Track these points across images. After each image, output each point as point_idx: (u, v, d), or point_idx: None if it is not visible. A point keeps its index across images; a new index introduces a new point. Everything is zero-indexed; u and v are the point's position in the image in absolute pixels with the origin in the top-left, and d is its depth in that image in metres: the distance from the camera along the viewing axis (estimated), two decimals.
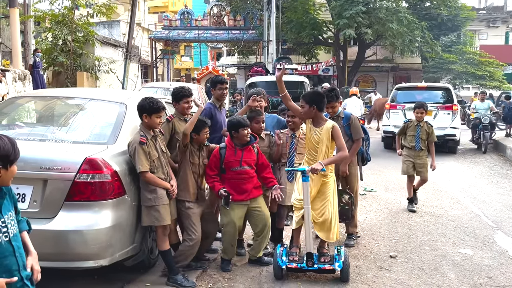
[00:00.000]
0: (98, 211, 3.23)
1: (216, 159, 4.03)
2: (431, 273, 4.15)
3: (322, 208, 3.91)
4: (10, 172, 2.00)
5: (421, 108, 6.38)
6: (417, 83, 13.73)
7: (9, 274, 1.97)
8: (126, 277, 3.84)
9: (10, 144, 1.97)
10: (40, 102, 4.58)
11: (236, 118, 4.11)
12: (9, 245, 1.99)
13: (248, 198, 4.04)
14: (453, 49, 27.27)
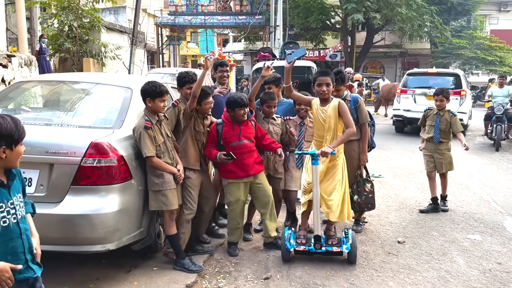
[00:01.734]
0: (105, 196, 3.22)
1: (212, 135, 4.04)
2: (439, 258, 4.12)
3: (331, 189, 3.93)
4: (16, 153, 1.96)
5: (440, 95, 5.53)
6: (427, 69, 13.89)
7: (15, 256, 1.97)
8: (133, 262, 3.86)
9: (13, 124, 1.93)
10: (46, 86, 4.56)
11: (234, 97, 4.07)
12: (16, 227, 1.99)
13: (251, 174, 4.05)
14: (463, 34, 26.82)
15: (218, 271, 3.83)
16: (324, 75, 3.96)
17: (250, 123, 4.13)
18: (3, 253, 1.93)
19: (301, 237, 4.06)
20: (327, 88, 3.91)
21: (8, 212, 1.96)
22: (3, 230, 1.94)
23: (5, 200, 1.95)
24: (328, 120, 3.90)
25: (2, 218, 1.93)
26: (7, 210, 1.95)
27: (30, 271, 2.05)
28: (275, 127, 4.47)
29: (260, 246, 4.35)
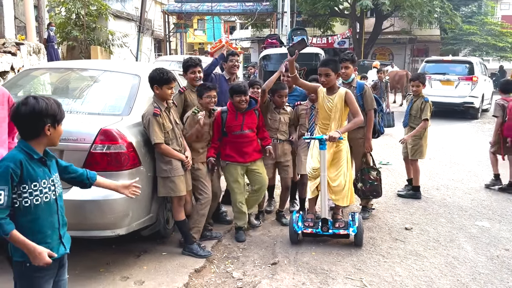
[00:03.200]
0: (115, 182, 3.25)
1: (217, 123, 4.09)
2: (446, 245, 4.13)
3: (337, 174, 4.00)
4: (57, 132, 2.11)
5: (417, 80, 5.43)
6: (443, 57, 15.52)
7: (53, 230, 2.12)
8: (142, 247, 3.92)
9: (56, 105, 2.08)
10: (55, 74, 4.58)
11: (235, 84, 4.16)
12: (55, 203, 2.14)
13: (248, 160, 4.16)
14: (473, 20, 26.44)
15: (226, 256, 3.88)
16: (323, 65, 4.00)
17: (254, 113, 4.18)
18: (44, 226, 2.08)
19: (308, 220, 4.15)
20: (326, 79, 3.94)
21: (49, 189, 2.10)
22: (45, 205, 2.08)
23: (47, 177, 2.10)
24: (334, 109, 3.95)
25: (45, 194, 2.07)
26: (48, 187, 2.10)
27: (62, 248, 2.19)
28: (285, 116, 4.53)
29: (268, 232, 4.39)
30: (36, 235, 2.05)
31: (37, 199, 2.05)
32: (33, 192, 2.03)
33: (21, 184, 2.00)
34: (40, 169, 2.07)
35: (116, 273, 3.48)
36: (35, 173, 2.04)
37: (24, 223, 2.03)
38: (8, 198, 1.96)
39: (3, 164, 1.98)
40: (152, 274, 3.48)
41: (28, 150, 2.05)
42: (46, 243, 2.07)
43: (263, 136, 4.33)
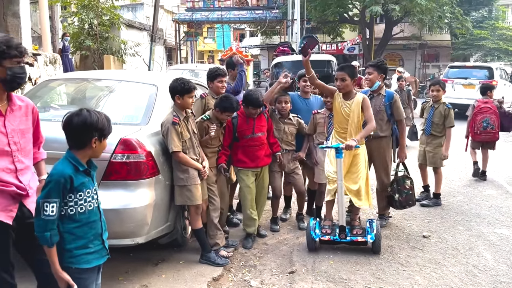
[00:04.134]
0: (134, 190, 3.28)
1: (229, 129, 4.14)
2: (466, 253, 4.08)
3: (355, 178, 4.04)
4: (102, 145, 2.22)
5: (437, 85, 5.48)
6: (465, 63, 17.04)
7: (96, 236, 2.24)
8: (160, 255, 3.93)
9: (105, 120, 2.19)
10: (73, 84, 4.65)
11: (252, 95, 4.11)
12: (97, 211, 2.26)
13: (260, 165, 4.21)
14: (484, 25, 26.27)
15: (243, 264, 3.88)
16: (339, 70, 4.07)
17: (263, 115, 4.25)
18: (87, 233, 2.19)
19: (326, 227, 4.15)
20: (342, 83, 3.98)
21: (92, 197, 2.22)
22: (89, 213, 2.19)
23: (90, 186, 2.21)
24: (351, 114, 3.98)
25: (88, 202, 2.19)
26: (92, 196, 2.21)
27: (104, 251, 2.30)
28: (291, 127, 4.53)
29: (284, 240, 4.39)
30: (80, 241, 2.17)
31: (82, 208, 2.16)
32: (78, 201, 2.14)
33: (67, 194, 2.11)
34: (85, 179, 2.18)
35: (135, 281, 3.49)
36: (80, 184, 2.14)
37: (69, 229, 2.14)
38: (58, 210, 2.07)
39: (54, 178, 2.08)
40: (170, 282, 3.50)
41: (75, 162, 2.15)
42: (88, 248, 2.19)
43: (273, 141, 4.38)
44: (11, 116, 2.31)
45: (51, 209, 2.05)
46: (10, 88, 2.31)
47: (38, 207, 2.07)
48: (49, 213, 2.05)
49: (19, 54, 2.26)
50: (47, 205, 2.05)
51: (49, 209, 2.05)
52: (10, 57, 2.22)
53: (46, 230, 2.06)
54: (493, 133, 6.40)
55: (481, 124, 6.40)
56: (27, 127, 2.41)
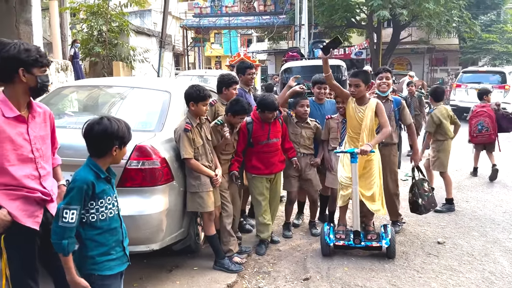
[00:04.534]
0: (149, 197, 3.29)
1: (244, 134, 4.12)
2: (481, 259, 4.04)
3: (369, 184, 4.04)
4: (122, 152, 2.25)
5: None
6: (478, 68, 17.57)
7: (117, 242, 2.25)
8: (174, 261, 3.93)
9: (126, 128, 2.22)
10: (86, 91, 4.68)
11: (266, 100, 4.09)
12: (118, 217, 2.28)
13: (274, 171, 4.21)
14: (492, 29, 26.06)
15: (257, 271, 3.86)
16: (353, 76, 4.07)
17: (278, 121, 4.24)
18: (109, 239, 2.21)
19: (340, 232, 4.15)
20: (356, 89, 3.99)
21: (113, 204, 2.24)
22: (110, 220, 2.21)
23: (111, 193, 2.24)
24: (365, 119, 3.99)
25: (109, 209, 2.21)
26: (112, 203, 2.24)
27: (125, 258, 2.32)
28: (308, 131, 4.52)
29: (298, 246, 4.37)
30: (103, 248, 2.19)
31: (103, 215, 2.17)
32: (99, 208, 2.16)
33: (89, 201, 2.12)
34: (106, 186, 2.20)
35: None
36: (102, 191, 2.16)
37: (91, 236, 2.15)
38: (78, 217, 2.08)
39: (77, 184, 2.09)
40: None
41: (96, 169, 2.17)
42: (109, 255, 2.20)
43: (289, 146, 4.36)
44: (33, 123, 2.35)
45: (70, 216, 2.05)
46: (37, 95, 2.36)
47: (58, 214, 2.08)
48: (68, 220, 2.04)
49: (47, 62, 2.31)
50: (67, 212, 2.05)
51: (69, 216, 2.05)
52: (42, 65, 2.26)
53: (63, 238, 2.05)
54: (488, 135, 6.68)
55: (476, 127, 6.74)
56: (46, 134, 2.44)
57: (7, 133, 2.20)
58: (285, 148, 4.34)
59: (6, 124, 2.20)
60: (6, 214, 2.20)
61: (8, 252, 2.24)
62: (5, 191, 2.22)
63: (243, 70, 4.95)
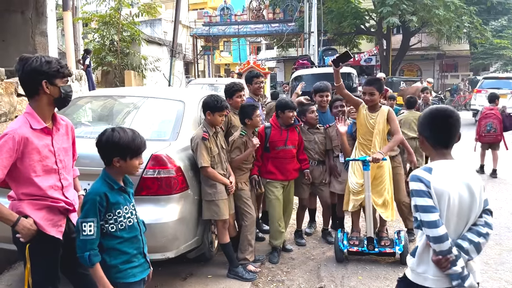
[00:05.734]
0: (165, 205, 3.34)
1: (261, 138, 4.15)
2: (497, 268, 4.00)
3: (380, 190, 4.06)
4: (129, 164, 2.21)
5: None
6: (498, 74, 19.08)
7: (138, 250, 2.28)
8: (188, 269, 3.96)
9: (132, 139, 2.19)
10: (101, 101, 4.76)
11: (285, 100, 4.25)
12: (137, 226, 2.31)
13: (288, 179, 4.23)
14: (504, 34, 25.93)
15: (270, 279, 3.87)
16: (367, 85, 4.11)
17: (295, 130, 4.26)
18: (130, 248, 2.24)
19: (354, 239, 4.17)
20: (371, 98, 4.03)
21: (132, 213, 2.27)
22: (129, 229, 2.24)
23: (128, 203, 2.27)
24: (377, 126, 4.02)
25: (128, 218, 2.24)
26: (131, 212, 2.26)
27: (147, 264, 2.35)
28: (320, 136, 4.57)
29: (311, 255, 4.37)
30: (125, 256, 2.22)
31: (122, 224, 2.20)
32: (117, 219, 2.19)
33: (106, 213, 2.15)
34: (121, 197, 2.23)
35: None
36: (117, 202, 2.19)
37: (112, 245, 2.18)
38: (97, 229, 2.11)
39: (90, 198, 2.13)
40: None
41: (110, 180, 2.20)
42: (132, 262, 2.23)
43: (303, 157, 4.38)
44: (57, 135, 2.41)
45: (89, 229, 2.09)
46: (62, 106, 2.42)
47: (77, 228, 2.13)
48: (87, 233, 2.09)
49: (69, 73, 2.38)
50: (85, 225, 2.10)
51: (87, 228, 2.09)
52: (64, 76, 2.33)
53: (85, 250, 2.10)
54: (495, 135, 7.36)
55: (485, 128, 7.39)
56: (68, 146, 2.51)
57: (34, 145, 2.27)
58: (299, 159, 4.36)
59: (34, 136, 2.27)
60: (33, 223, 2.26)
61: (32, 260, 2.29)
62: (31, 201, 2.29)
63: (250, 80, 4.95)
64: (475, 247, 1.95)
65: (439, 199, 1.94)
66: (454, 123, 2.03)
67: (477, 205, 1.98)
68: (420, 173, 1.97)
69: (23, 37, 7.03)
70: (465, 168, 2.02)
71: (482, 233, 1.98)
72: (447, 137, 2.04)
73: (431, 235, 1.91)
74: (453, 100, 20.14)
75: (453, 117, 2.03)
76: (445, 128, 2.03)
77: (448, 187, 1.94)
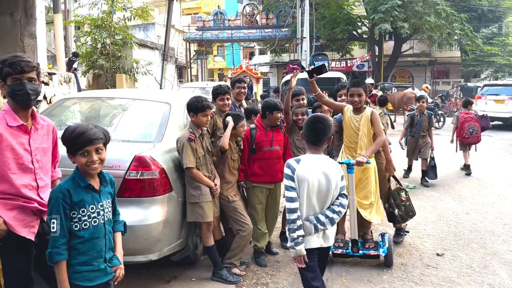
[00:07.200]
0: (148, 207, 3.32)
1: (247, 139, 4.15)
2: (481, 271, 4.02)
3: (366, 193, 4.08)
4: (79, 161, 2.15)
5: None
6: (497, 81, 19.38)
7: (99, 253, 2.21)
8: (172, 272, 3.94)
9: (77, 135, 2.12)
10: (88, 103, 4.74)
11: (273, 100, 4.25)
12: (103, 227, 2.23)
13: (274, 180, 4.22)
14: (494, 41, 26.22)
15: (255, 282, 3.86)
16: (356, 86, 4.11)
17: (280, 130, 4.27)
18: (91, 249, 2.17)
19: (338, 241, 4.18)
20: (359, 99, 4.06)
21: (98, 213, 2.20)
22: (94, 229, 2.18)
23: (96, 202, 2.20)
24: (361, 128, 4.05)
25: (93, 218, 2.17)
26: (97, 211, 2.20)
27: (109, 269, 2.26)
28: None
29: None
30: (83, 257, 2.15)
31: (86, 224, 2.15)
32: (81, 218, 2.14)
33: (70, 210, 2.12)
34: (88, 195, 2.18)
35: None
36: (82, 200, 2.14)
37: (73, 244, 2.14)
38: (61, 226, 2.07)
39: (54, 195, 2.11)
40: None
41: (77, 177, 2.18)
42: (90, 265, 2.16)
43: (288, 158, 4.36)
44: (35, 135, 2.40)
45: (52, 226, 2.06)
46: (24, 105, 2.36)
47: (48, 225, 2.10)
48: (51, 230, 2.06)
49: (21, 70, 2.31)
50: (49, 222, 2.08)
51: (51, 225, 2.07)
52: (11, 74, 2.30)
53: (49, 247, 2.07)
54: (477, 137, 8.11)
55: (468, 130, 8.04)
56: (48, 146, 2.49)
57: (8, 142, 2.25)
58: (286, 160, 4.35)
59: (8, 133, 2.26)
60: (2, 223, 2.24)
61: (4, 260, 2.27)
62: (2, 200, 2.26)
63: (233, 84, 4.95)
64: (330, 220, 2.67)
65: (301, 183, 2.63)
66: (323, 128, 2.73)
67: (332, 190, 2.66)
68: (291, 162, 2.68)
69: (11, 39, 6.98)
70: (326, 162, 2.72)
71: (335, 211, 2.69)
72: (317, 138, 2.74)
73: (287, 207, 2.65)
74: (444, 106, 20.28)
75: (323, 123, 2.74)
76: (315, 131, 2.74)
77: (309, 174, 2.63)
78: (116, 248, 2.35)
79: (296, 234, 2.59)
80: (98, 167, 2.20)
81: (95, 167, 2.18)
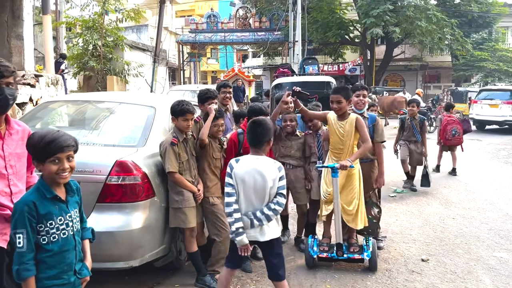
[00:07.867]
0: (129, 213, 3.28)
1: (234, 144, 4.12)
2: (464, 277, 4.03)
3: (350, 199, 4.08)
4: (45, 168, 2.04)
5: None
6: (492, 87, 20.28)
7: (69, 266, 2.11)
8: (155, 278, 3.90)
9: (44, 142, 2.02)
10: (72, 106, 4.70)
11: (258, 105, 4.26)
12: (72, 239, 2.14)
13: None
14: (484, 46, 26.50)
15: None
16: (334, 93, 4.11)
17: None
18: (61, 262, 2.08)
19: (324, 245, 4.22)
20: (338, 105, 4.04)
21: (67, 225, 2.11)
22: (63, 241, 2.09)
23: (63, 213, 2.10)
24: (346, 134, 4.05)
25: (62, 230, 2.08)
26: (66, 223, 2.10)
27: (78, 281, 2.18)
28: (298, 142, 4.58)
29: None
30: (52, 271, 2.06)
31: (54, 237, 2.06)
32: (49, 230, 2.04)
33: (37, 223, 2.01)
34: (55, 206, 2.08)
35: None
36: (49, 212, 2.04)
37: (41, 258, 2.04)
38: (27, 241, 1.96)
39: (18, 208, 2.00)
40: None
41: (43, 188, 2.07)
42: (59, 279, 2.08)
43: None
44: (9, 140, 2.36)
45: (18, 241, 1.95)
46: (1, 109, 2.32)
47: (12, 241, 1.99)
48: (17, 245, 1.95)
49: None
50: (15, 237, 1.96)
51: (17, 241, 1.96)
52: None
53: (15, 264, 1.96)
54: (458, 138, 8.47)
55: (451, 132, 8.39)
56: (23, 151, 2.44)
57: None
58: None
59: None
60: None
61: None
62: None
63: (219, 89, 4.92)
64: (266, 217, 2.88)
65: (239, 181, 2.90)
66: (261, 131, 2.99)
67: (269, 188, 2.87)
68: (232, 162, 2.97)
69: None
70: (264, 162, 2.95)
71: (271, 208, 2.88)
72: (256, 139, 3.01)
73: (225, 201, 2.93)
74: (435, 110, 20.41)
75: (261, 127, 3.00)
76: (254, 134, 3.01)
77: (245, 173, 2.89)
78: (85, 256, 2.27)
79: (234, 226, 2.87)
80: (68, 176, 2.09)
81: (65, 175, 2.08)
